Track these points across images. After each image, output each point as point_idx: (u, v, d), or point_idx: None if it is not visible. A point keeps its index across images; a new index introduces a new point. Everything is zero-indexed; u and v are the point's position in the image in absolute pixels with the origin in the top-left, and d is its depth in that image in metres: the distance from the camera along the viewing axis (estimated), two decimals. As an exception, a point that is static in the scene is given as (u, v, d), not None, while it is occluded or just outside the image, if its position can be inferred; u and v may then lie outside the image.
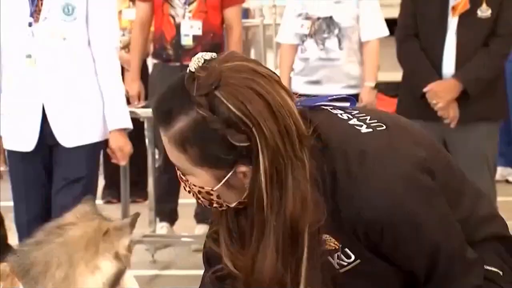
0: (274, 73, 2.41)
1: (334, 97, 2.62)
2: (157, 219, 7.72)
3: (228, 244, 2.53)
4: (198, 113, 2.28)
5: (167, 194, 7.69)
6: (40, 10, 5.28)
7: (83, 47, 5.45)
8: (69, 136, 5.34)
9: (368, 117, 2.53)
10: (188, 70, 2.32)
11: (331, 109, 2.55)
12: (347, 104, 2.60)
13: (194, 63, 2.31)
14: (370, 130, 2.47)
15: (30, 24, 5.25)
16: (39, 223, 3.70)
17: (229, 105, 2.25)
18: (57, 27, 5.33)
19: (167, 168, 7.32)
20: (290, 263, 2.36)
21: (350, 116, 2.52)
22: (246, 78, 2.32)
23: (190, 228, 7.73)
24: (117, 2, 7.52)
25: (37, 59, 5.32)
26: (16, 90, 5.42)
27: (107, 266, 3.03)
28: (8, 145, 5.51)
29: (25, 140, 5.38)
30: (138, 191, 8.81)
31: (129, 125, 5.58)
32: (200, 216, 7.55)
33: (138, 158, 7.06)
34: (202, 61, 2.31)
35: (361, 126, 2.49)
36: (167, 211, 7.63)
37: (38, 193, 5.45)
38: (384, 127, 2.49)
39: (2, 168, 6.28)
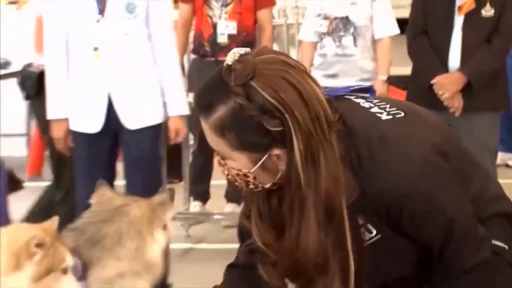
0: (302, 64, 2.47)
1: (356, 87, 2.70)
2: (191, 198, 7.84)
3: (258, 222, 2.56)
4: (235, 102, 2.33)
5: (201, 176, 7.87)
6: (105, 9, 5.37)
7: (143, 41, 5.52)
8: (132, 119, 5.44)
9: (388, 105, 2.57)
10: (225, 64, 2.37)
11: (354, 98, 2.61)
12: (367, 94, 2.62)
13: (230, 57, 2.36)
14: (390, 117, 2.51)
15: (97, 21, 5.37)
16: None
17: (264, 94, 2.30)
18: (121, 24, 5.43)
19: (201, 152, 7.66)
20: (331, 236, 2.39)
21: (372, 105, 2.57)
22: (278, 69, 2.35)
23: (220, 206, 7.84)
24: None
25: (103, 51, 5.39)
26: (84, 78, 5.47)
27: (161, 237, 3.37)
28: (75, 127, 5.53)
29: (91, 123, 5.46)
30: (174, 173, 8.89)
31: (187, 111, 5.75)
32: (230, 196, 7.79)
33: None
34: (238, 55, 2.36)
35: (382, 113, 2.53)
36: (200, 192, 7.73)
37: (99, 172, 5.43)
38: (403, 114, 2.54)
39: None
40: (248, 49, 2.39)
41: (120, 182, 5.84)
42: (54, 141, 5.75)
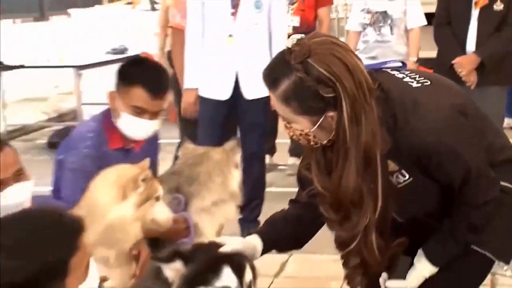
0: (347, 44, 2.50)
1: (391, 63, 2.69)
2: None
3: (317, 171, 2.55)
4: (296, 76, 2.33)
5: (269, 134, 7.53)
6: (238, 5, 5.43)
7: (266, 29, 5.57)
8: (251, 91, 5.41)
9: (417, 76, 2.57)
10: (286, 47, 2.39)
11: (390, 70, 2.61)
12: (400, 67, 2.64)
13: (290, 42, 2.38)
14: (419, 85, 2.52)
15: (232, 14, 5.46)
16: None
17: (319, 68, 2.30)
18: (250, 17, 5.49)
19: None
20: (367, 179, 2.40)
21: (404, 75, 2.58)
22: (328, 48, 2.36)
23: (284, 159, 7.82)
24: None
25: (236, 37, 5.46)
26: (219, 57, 5.51)
27: (236, 173, 3.87)
28: (205, 94, 5.57)
29: (221, 92, 5.50)
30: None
31: None
32: (292, 151, 7.72)
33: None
34: (296, 40, 2.37)
35: (412, 82, 2.54)
36: (269, 147, 7.50)
37: (217, 132, 5.49)
38: (429, 82, 2.54)
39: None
40: (303, 35, 2.40)
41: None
42: (185, 106, 5.76)
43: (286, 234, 2.77)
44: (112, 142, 3.77)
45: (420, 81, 2.52)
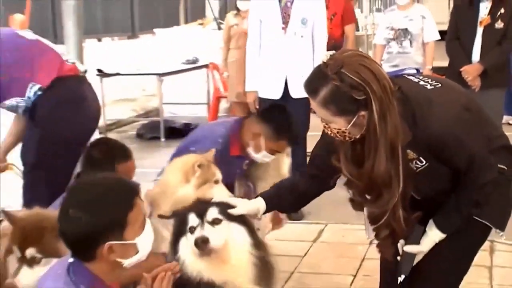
0: (370, 57, 2.50)
1: (408, 70, 2.79)
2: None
3: (345, 162, 2.52)
4: (333, 84, 2.31)
5: None
6: (287, 22, 5.39)
7: (310, 41, 5.47)
8: (297, 91, 5.28)
9: (430, 80, 2.56)
10: (321, 61, 2.37)
11: (407, 76, 2.62)
12: (415, 71, 2.75)
13: (325, 57, 2.36)
14: (432, 87, 2.50)
15: (283, 28, 5.43)
16: None
17: (351, 76, 2.28)
18: (298, 30, 5.42)
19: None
20: (393, 164, 2.37)
21: (419, 80, 2.56)
22: (357, 59, 2.33)
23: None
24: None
25: (286, 47, 5.41)
26: (272, 65, 5.47)
27: (287, 160, 4.07)
28: (262, 94, 5.53)
29: (274, 92, 5.45)
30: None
31: None
32: None
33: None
34: (329, 55, 2.36)
35: (426, 85, 2.52)
36: None
37: None
38: (440, 85, 2.52)
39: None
40: (334, 52, 2.39)
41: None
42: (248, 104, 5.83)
43: (287, 201, 2.81)
44: (234, 149, 3.92)
45: (433, 84, 2.50)
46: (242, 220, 2.60)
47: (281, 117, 3.91)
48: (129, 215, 2.15)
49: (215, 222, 2.51)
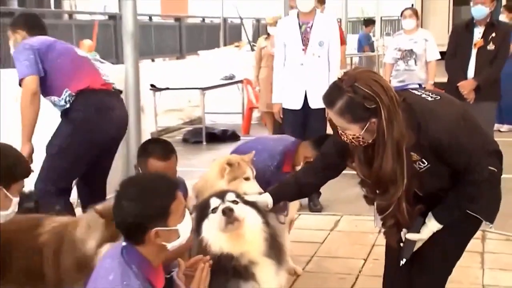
0: (378, 73, 2.51)
1: (411, 85, 2.67)
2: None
3: (359, 163, 2.50)
4: (348, 96, 2.30)
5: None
6: (307, 44, 5.37)
7: (326, 60, 5.42)
8: (315, 102, 5.26)
9: (430, 93, 2.53)
10: (337, 78, 2.38)
11: (411, 89, 2.65)
12: (417, 86, 2.63)
13: (340, 74, 2.38)
14: (432, 99, 2.48)
15: (303, 49, 5.40)
16: None
17: (364, 88, 2.28)
18: (315, 51, 5.38)
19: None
20: (398, 164, 2.35)
21: (421, 93, 2.55)
22: (368, 74, 2.34)
23: None
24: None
25: (306, 66, 5.39)
26: (294, 80, 5.42)
27: None
28: (286, 105, 5.51)
29: (295, 104, 5.42)
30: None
31: None
32: None
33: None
34: (343, 72, 2.38)
35: (428, 97, 2.50)
36: None
37: (296, 130, 5.36)
38: (439, 97, 2.50)
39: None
40: (348, 69, 2.42)
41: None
42: (274, 114, 5.80)
43: (290, 195, 2.84)
44: (287, 167, 3.87)
45: (433, 96, 2.48)
46: (254, 204, 2.63)
47: None
48: (172, 205, 2.17)
49: (233, 202, 2.55)
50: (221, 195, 2.61)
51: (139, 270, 2.13)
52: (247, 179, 3.40)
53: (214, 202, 2.57)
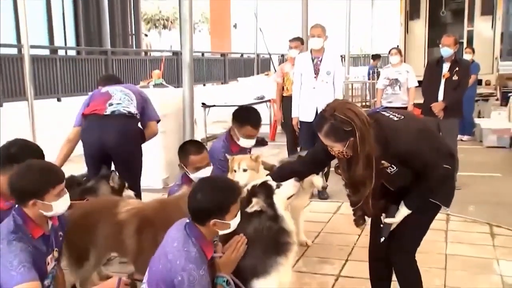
0: (352, 102, 2.46)
1: (381, 108, 2.60)
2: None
3: (343, 170, 2.45)
4: (330, 123, 2.27)
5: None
6: (318, 73, 5.34)
7: (332, 85, 5.36)
8: None
9: (396, 114, 2.45)
10: (321, 109, 2.33)
11: (382, 111, 2.49)
12: (386, 110, 2.52)
13: (323, 106, 2.33)
14: (397, 119, 2.40)
15: (314, 77, 5.39)
16: None
17: (341, 116, 2.24)
18: (324, 78, 5.35)
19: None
20: (368, 171, 2.29)
21: (389, 114, 2.45)
22: (344, 105, 2.31)
23: None
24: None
25: (317, 89, 5.35)
26: (308, 100, 5.38)
27: None
28: (302, 118, 5.43)
29: (309, 117, 5.31)
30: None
31: None
32: None
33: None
34: (326, 104, 2.33)
35: (394, 117, 2.42)
36: None
37: (311, 139, 5.20)
38: (403, 117, 2.42)
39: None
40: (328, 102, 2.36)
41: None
42: (292, 125, 5.62)
43: (286, 177, 2.59)
44: (234, 150, 3.70)
45: (397, 116, 2.41)
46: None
47: None
48: (232, 206, 2.20)
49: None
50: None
51: (196, 241, 2.16)
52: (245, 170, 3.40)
53: (271, 183, 2.50)
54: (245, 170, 3.40)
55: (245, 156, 3.56)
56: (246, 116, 3.74)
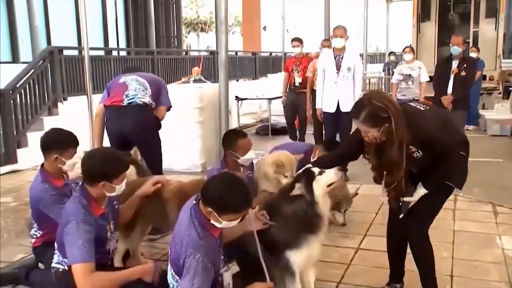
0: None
1: (408, 99, 2.58)
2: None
3: (372, 156, 2.40)
4: (368, 109, 2.22)
5: None
6: (339, 69, 5.22)
7: (352, 80, 5.23)
8: (345, 107, 5.12)
9: (422, 104, 2.46)
10: (359, 96, 2.29)
11: (408, 102, 2.57)
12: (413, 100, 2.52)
13: (361, 94, 2.31)
14: (423, 109, 2.40)
15: (336, 72, 5.21)
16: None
17: (378, 103, 2.21)
18: (345, 74, 5.22)
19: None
20: (400, 155, 2.26)
21: (416, 104, 2.45)
22: (380, 94, 2.30)
23: None
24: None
25: (339, 83, 5.23)
26: (331, 93, 5.29)
27: None
28: (325, 109, 5.34)
29: (331, 108, 5.26)
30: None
31: None
32: None
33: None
34: (363, 93, 2.30)
35: (420, 107, 2.42)
36: None
37: (333, 128, 5.26)
38: (428, 107, 2.43)
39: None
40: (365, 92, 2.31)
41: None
42: (316, 115, 5.57)
43: (325, 166, 2.48)
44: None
45: (423, 107, 2.41)
46: None
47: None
48: (243, 211, 2.06)
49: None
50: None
51: (199, 224, 2.05)
52: (286, 176, 3.21)
53: (314, 169, 2.44)
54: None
55: (291, 157, 3.37)
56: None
